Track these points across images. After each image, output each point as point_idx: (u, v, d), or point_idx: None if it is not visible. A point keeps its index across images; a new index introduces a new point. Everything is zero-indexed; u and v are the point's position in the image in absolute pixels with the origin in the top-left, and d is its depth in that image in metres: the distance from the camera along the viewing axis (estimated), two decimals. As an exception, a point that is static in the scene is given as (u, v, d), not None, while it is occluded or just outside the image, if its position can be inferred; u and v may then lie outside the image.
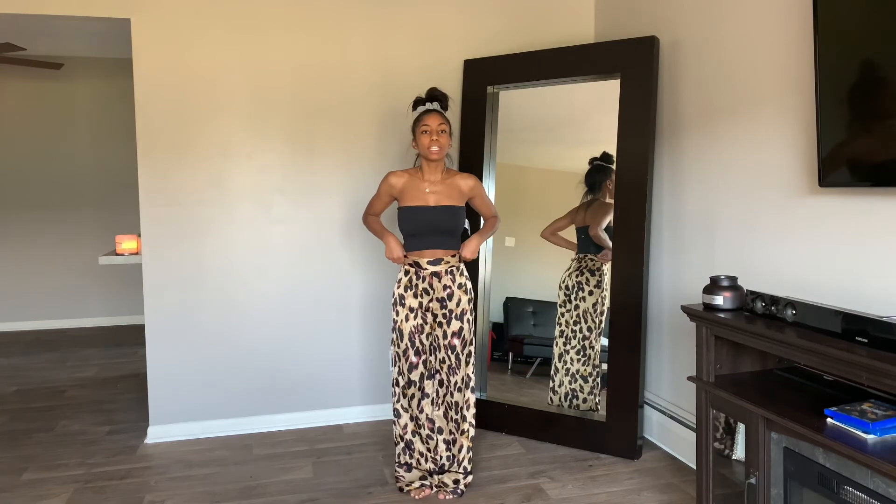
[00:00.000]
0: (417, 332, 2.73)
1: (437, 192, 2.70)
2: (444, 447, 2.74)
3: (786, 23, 2.35)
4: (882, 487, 1.52)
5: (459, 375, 2.72)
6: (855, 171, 1.94)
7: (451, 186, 2.74)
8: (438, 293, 2.71)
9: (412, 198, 2.70)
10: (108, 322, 6.31)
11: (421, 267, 2.70)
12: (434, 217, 2.68)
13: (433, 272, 2.70)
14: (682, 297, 3.03)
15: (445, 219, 2.69)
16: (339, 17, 3.47)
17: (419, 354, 2.73)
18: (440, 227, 2.69)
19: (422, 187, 2.70)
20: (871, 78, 1.86)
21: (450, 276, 2.72)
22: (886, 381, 1.51)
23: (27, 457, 3.18)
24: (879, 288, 2.00)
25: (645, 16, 3.27)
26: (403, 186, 2.73)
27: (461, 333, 2.71)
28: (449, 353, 2.71)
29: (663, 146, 3.14)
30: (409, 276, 2.73)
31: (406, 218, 2.70)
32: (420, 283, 2.72)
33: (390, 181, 2.75)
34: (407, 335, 2.72)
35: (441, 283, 2.70)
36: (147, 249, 3.31)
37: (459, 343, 2.72)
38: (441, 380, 2.75)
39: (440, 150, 2.67)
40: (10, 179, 6.06)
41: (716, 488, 2.16)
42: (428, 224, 2.68)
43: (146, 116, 3.26)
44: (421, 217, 2.67)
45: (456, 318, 2.71)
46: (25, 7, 3.10)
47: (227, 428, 3.44)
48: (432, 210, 2.68)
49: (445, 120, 2.71)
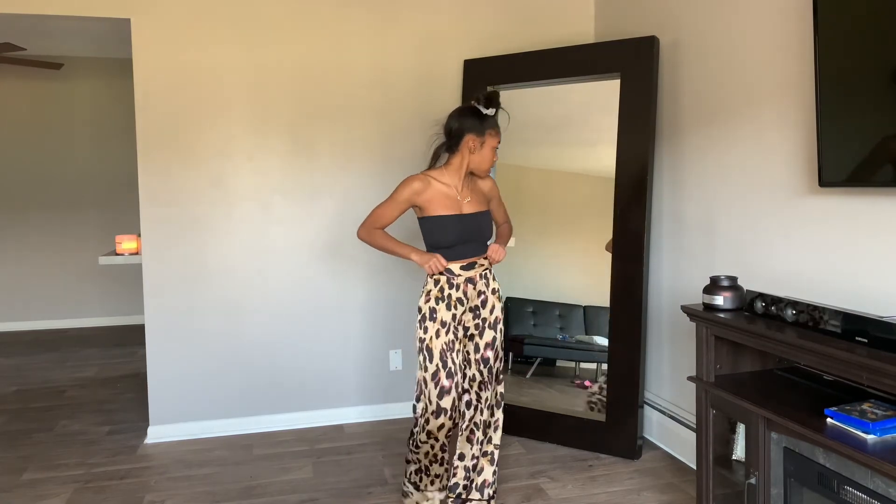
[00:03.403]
0: (449, 349, 2.35)
1: (469, 199, 2.42)
2: (463, 474, 2.41)
3: (786, 23, 2.35)
4: (882, 487, 1.52)
5: (490, 391, 2.42)
6: (855, 171, 1.94)
7: (476, 191, 2.47)
8: (473, 301, 2.42)
9: (443, 206, 2.36)
10: (108, 322, 6.31)
11: (454, 273, 2.38)
12: (472, 225, 2.39)
13: (467, 278, 2.40)
14: (682, 297, 3.03)
15: (483, 226, 2.42)
16: (339, 16, 3.47)
17: (452, 377, 2.34)
18: (478, 236, 2.41)
19: (452, 194, 2.39)
20: (871, 78, 1.86)
21: (484, 280, 2.44)
22: (886, 381, 1.51)
23: (27, 457, 3.18)
24: (879, 288, 2.00)
25: (645, 16, 3.27)
26: (431, 194, 2.37)
27: (494, 344, 2.44)
28: (482, 367, 2.41)
29: (663, 146, 3.14)
30: (441, 286, 2.37)
31: (440, 229, 2.35)
32: (454, 292, 2.38)
33: (414, 187, 2.36)
34: (438, 354, 2.34)
35: (476, 290, 2.42)
36: (147, 249, 3.31)
37: (493, 356, 2.43)
38: (469, 400, 2.43)
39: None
40: (9, 179, 6.05)
41: (716, 488, 2.16)
42: (467, 234, 2.38)
43: (146, 116, 3.26)
44: (459, 227, 2.36)
45: (489, 328, 2.44)
46: (25, 7, 3.10)
47: (227, 428, 3.44)
48: (470, 218, 2.39)
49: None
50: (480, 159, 2.39)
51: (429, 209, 2.37)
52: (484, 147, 2.37)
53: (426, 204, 2.36)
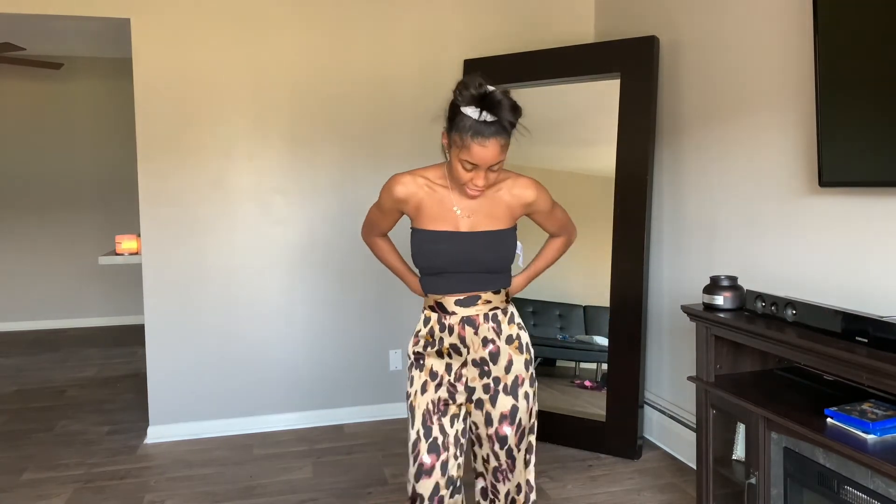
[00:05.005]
0: (438, 412, 1.72)
1: (473, 210, 1.72)
2: None
3: (786, 23, 2.35)
4: (882, 487, 1.52)
5: (514, 482, 1.75)
6: (855, 171, 1.94)
7: (494, 200, 1.73)
8: (476, 351, 1.74)
9: (434, 217, 1.72)
10: (108, 322, 6.31)
11: (446, 311, 1.74)
12: (471, 248, 1.71)
13: (465, 318, 1.73)
14: (682, 296, 3.03)
15: (487, 251, 1.72)
16: (340, 17, 3.46)
17: (436, 452, 1.69)
18: (478, 265, 1.72)
19: (448, 201, 1.72)
20: (870, 77, 1.86)
21: (492, 324, 1.74)
22: (886, 381, 1.51)
23: (27, 457, 3.18)
24: (879, 288, 2.00)
25: (645, 16, 3.27)
26: (419, 200, 1.72)
27: (516, 417, 1.73)
28: (497, 447, 1.74)
29: (663, 146, 3.14)
30: (431, 327, 1.76)
31: (424, 249, 1.72)
32: (446, 335, 1.74)
33: (396, 193, 1.73)
34: (421, 417, 1.71)
35: (479, 336, 1.73)
36: (147, 249, 3.31)
37: (513, 433, 1.73)
38: (484, 488, 1.81)
39: (483, 191, 1.67)
40: (9, 179, 6.05)
41: (716, 488, 2.16)
42: (459, 259, 1.71)
43: (146, 116, 3.26)
44: (448, 249, 1.70)
45: (506, 393, 1.73)
46: (25, 7, 3.10)
47: (227, 428, 3.44)
48: (469, 239, 1.71)
49: (505, 147, 1.61)
50: (454, 169, 1.64)
51: (417, 220, 1.75)
52: (452, 153, 1.63)
53: (414, 213, 1.75)
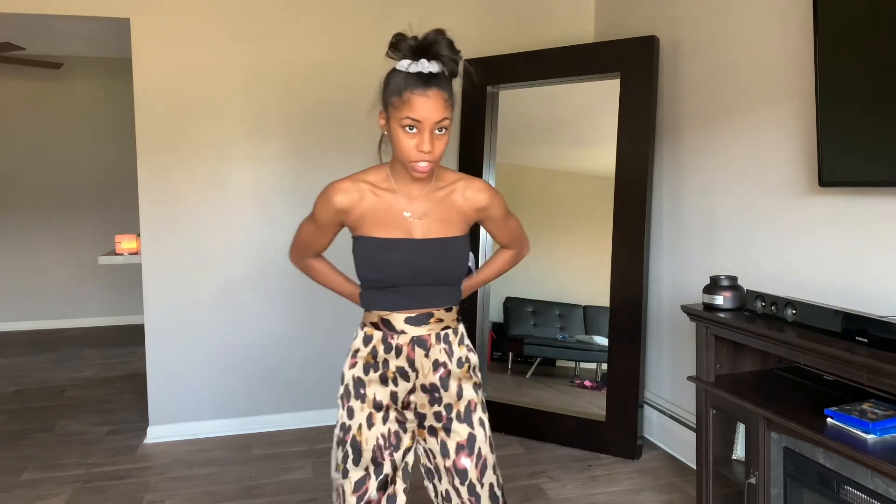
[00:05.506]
0: (389, 446, 1.52)
1: (424, 215, 1.52)
2: None
3: (786, 23, 2.35)
4: (882, 487, 1.52)
5: None
6: (855, 171, 1.94)
7: (447, 203, 1.54)
8: (426, 376, 1.54)
9: (382, 224, 1.50)
10: (107, 322, 6.31)
11: (393, 329, 1.54)
12: (425, 257, 1.51)
13: (415, 338, 1.53)
14: (682, 296, 3.03)
15: (444, 260, 1.52)
16: (338, 16, 3.46)
17: (384, 487, 1.50)
18: (431, 276, 1.52)
19: (397, 206, 1.51)
20: (870, 77, 1.86)
21: (444, 345, 1.56)
22: (886, 381, 1.51)
23: (27, 457, 3.18)
24: (879, 287, 2.00)
25: (645, 16, 3.27)
26: (364, 208, 1.51)
27: (474, 447, 1.54)
28: (457, 482, 1.53)
29: (663, 146, 3.14)
30: (373, 347, 1.56)
31: (372, 259, 1.51)
32: (392, 357, 1.54)
33: (337, 203, 1.50)
34: (370, 453, 1.50)
35: (430, 359, 1.54)
36: (147, 249, 3.30)
37: (473, 464, 1.53)
38: None
39: (432, 165, 1.43)
40: (9, 179, 6.05)
41: (716, 488, 2.16)
42: (414, 269, 1.51)
43: (146, 116, 3.26)
44: (402, 258, 1.49)
45: (460, 420, 1.54)
46: (25, 7, 3.10)
47: (226, 428, 3.43)
48: (424, 246, 1.51)
49: (449, 103, 1.41)
50: (396, 145, 1.43)
51: (360, 228, 1.53)
52: (392, 124, 1.42)
53: (356, 223, 1.53)
